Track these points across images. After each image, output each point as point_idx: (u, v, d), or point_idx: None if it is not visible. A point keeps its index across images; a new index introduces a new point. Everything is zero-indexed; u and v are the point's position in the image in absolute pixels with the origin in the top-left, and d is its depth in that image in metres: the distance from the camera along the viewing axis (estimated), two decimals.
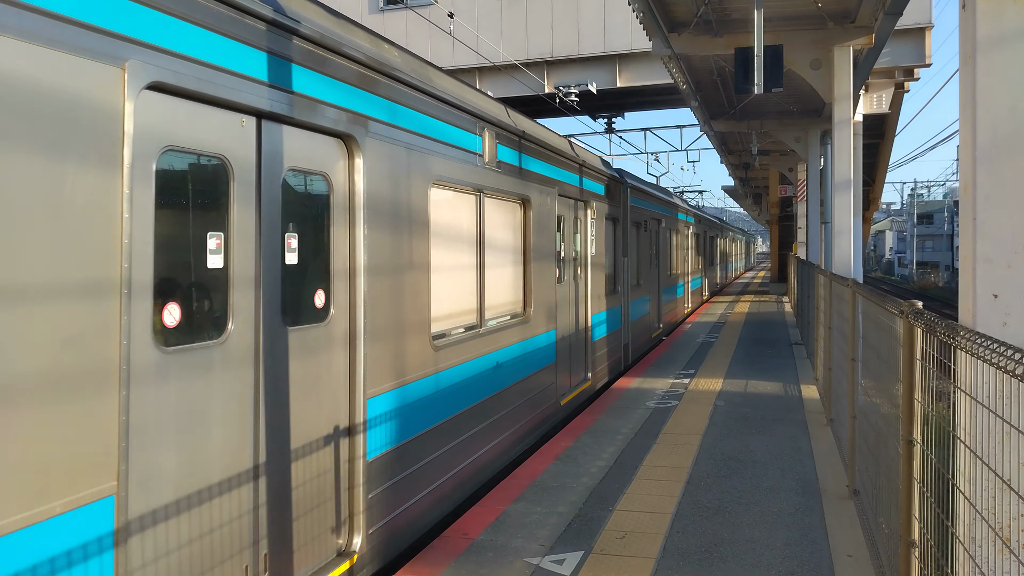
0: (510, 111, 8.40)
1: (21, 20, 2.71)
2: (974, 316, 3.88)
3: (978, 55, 3.84)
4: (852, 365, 6.71)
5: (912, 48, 17.91)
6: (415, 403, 5.73)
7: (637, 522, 5.98)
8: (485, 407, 7.17)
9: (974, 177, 3.88)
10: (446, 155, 6.31)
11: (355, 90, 4.90)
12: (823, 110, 19.10)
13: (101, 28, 3.02)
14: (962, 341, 2.80)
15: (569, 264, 10.37)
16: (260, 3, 3.97)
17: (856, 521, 5.97)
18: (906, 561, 3.77)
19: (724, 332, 18.91)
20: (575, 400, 10.56)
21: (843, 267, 12.66)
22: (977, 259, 3.88)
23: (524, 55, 22.03)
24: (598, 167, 11.77)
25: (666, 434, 8.73)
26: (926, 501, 3.57)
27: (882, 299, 4.81)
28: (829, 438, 8.50)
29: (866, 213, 34.93)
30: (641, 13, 12.75)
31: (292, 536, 4.32)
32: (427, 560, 5.29)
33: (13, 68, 2.68)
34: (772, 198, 37.01)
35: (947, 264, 69.65)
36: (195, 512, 3.59)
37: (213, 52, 3.65)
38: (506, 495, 6.63)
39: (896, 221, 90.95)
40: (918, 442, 3.70)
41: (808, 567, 5.15)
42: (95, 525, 2.99)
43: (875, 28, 12.55)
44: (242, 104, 3.84)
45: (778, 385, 11.76)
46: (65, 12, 2.87)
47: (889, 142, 27.87)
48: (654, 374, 12.84)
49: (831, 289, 9.05)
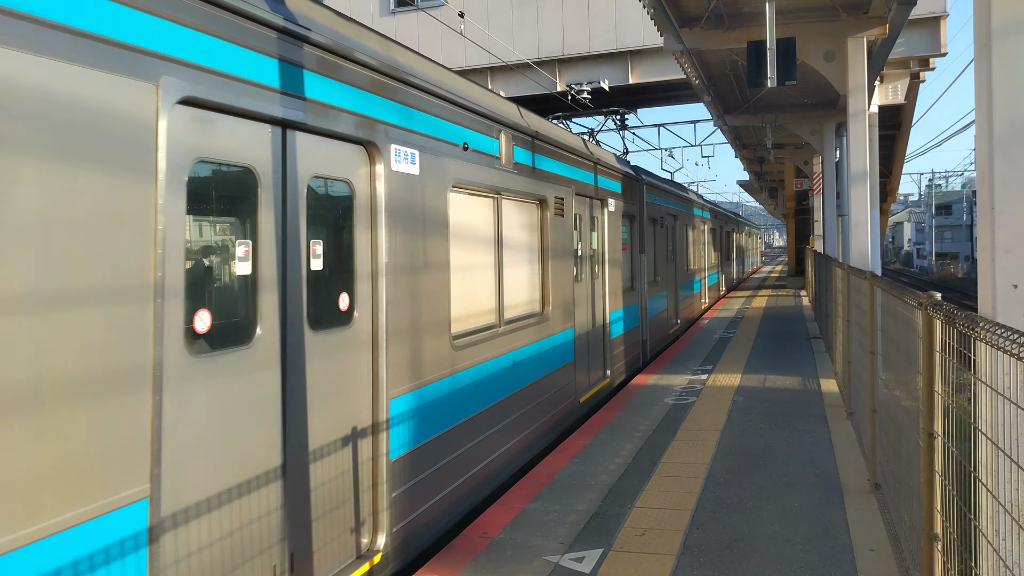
0: (523, 111, 8.42)
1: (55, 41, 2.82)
2: (994, 307, 3.85)
3: (993, 44, 3.80)
4: (871, 358, 6.66)
5: (927, 38, 17.73)
6: (436, 402, 5.80)
7: (656, 519, 5.96)
8: (505, 406, 7.22)
9: (991, 166, 3.85)
10: (464, 158, 6.37)
11: (375, 97, 5.00)
12: (838, 102, 18.96)
13: (136, 47, 3.16)
14: (982, 332, 2.78)
15: (586, 262, 10.40)
16: (284, 17, 4.08)
17: (878, 515, 5.92)
18: (929, 555, 3.74)
19: (742, 327, 18.83)
20: (594, 398, 10.57)
21: (861, 260, 12.57)
22: (996, 249, 3.85)
23: (535, 54, 22.02)
24: (613, 164, 11.77)
25: (685, 430, 8.71)
26: (948, 494, 3.54)
27: (900, 291, 4.77)
28: (849, 432, 8.44)
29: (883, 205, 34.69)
30: (652, 9, 12.70)
31: (318, 535, 4.39)
32: (447, 559, 5.30)
33: (58, 87, 2.82)
34: (788, 192, 36.79)
35: (967, 255, 68.98)
36: (225, 513, 3.67)
37: (240, 65, 3.77)
38: (525, 493, 6.64)
39: (914, 212, 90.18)
40: (939, 435, 3.67)
41: (830, 562, 5.12)
42: (130, 527, 3.08)
43: (889, 18, 12.44)
44: (268, 115, 3.95)
45: (797, 379, 11.70)
46: (104, 33, 3.01)
47: (905, 133, 27.62)
48: (672, 370, 12.80)
49: (849, 282, 8.99)
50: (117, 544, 3.01)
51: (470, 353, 6.44)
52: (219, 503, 3.63)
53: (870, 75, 14.45)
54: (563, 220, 9.17)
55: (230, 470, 3.70)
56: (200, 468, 3.51)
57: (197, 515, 3.48)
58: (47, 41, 2.78)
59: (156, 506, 3.19)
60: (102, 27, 3.00)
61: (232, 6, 3.67)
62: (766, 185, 48.55)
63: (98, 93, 2.97)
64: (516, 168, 7.64)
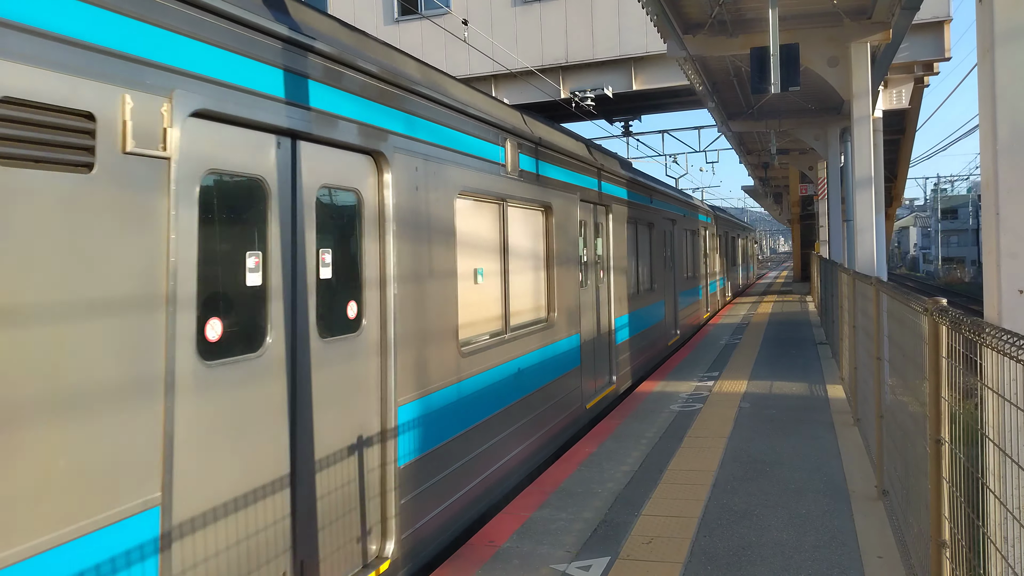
0: (527, 118, 8.45)
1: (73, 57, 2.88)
2: (1000, 312, 3.84)
3: (996, 49, 3.80)
4: (878, 364, 6.64)
5: (931, 42, 17.72)
6: (444, 409, 5.82)
7: (663, 527, 5.95)
8: (512, 412, 7.23)
9: (996, 171, 3.84)
10: (470, 167, 6.41)
11: (382, 107, 5.05)
12: (842, 107, 18.94)
13: (151, 61, 3.21)
14: (988, 338, 2.77)
15: (591, 268, 10.43)
16: (291, 28, 4.12)
17: (886, 522, 5.90)
18: (937, 562, 3.72)
19: (748, 333, 18.78)
20: (600, 404, 10.56)
21: (866, 265, 12.54)
22: (1001, 254, 3.84)
23: (539, 61, 22.06)
24: (617, 171, 11.81)
25: (691, 437, 8.68)
26: (956, 501, 3.52)
27: (906, 297, 4.76)
28: (856, 438, 8.41)
29: (888, 210, 34.59)
30: (655, 16, 12.73)
31: (327, 542, 4.40)
32: (454, 568, 5.29)
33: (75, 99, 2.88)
34: (793, 197, 36.74)
35: (973, 259, 68.72)
36: (234, 520, 3.69)
37: (250, 77, 3.82)
38: (531, 502, 6.63)
39: (920, 217, 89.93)
40: (946, 441, 3.66)
41: (838, 569, 5.10)
42: (142, 534, 3.11)
43: (892, 23, 12.44)
44: (278, 126, 4.00)
45: (803, 385, 11.66)
46: (122, 48, 3.08)
47: (910, 137, 27.58)
48: (678, 377, 12.77)
49: (855, 287, 8.96)
50: (128, 553, 3.04)
51: (477, 360, 6.45)
52: (229, 510, 3.65)
53: (874, 80, 14.44)
54: (568, 227, 9.19)
55: (239, 477, 3.72)
56: (210, 475, 3.54)
57: (207, 523, 3.50)
58: (66, 58, 2.85)
59: (167, 514, 3.22)
60: (120, 43, 3.07)
61: (242, 19, 3.71)
62: (771, 190, 48.51)
63: (110, 104, 3.02)
64: (521, 175, 7.68)
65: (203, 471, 3.49)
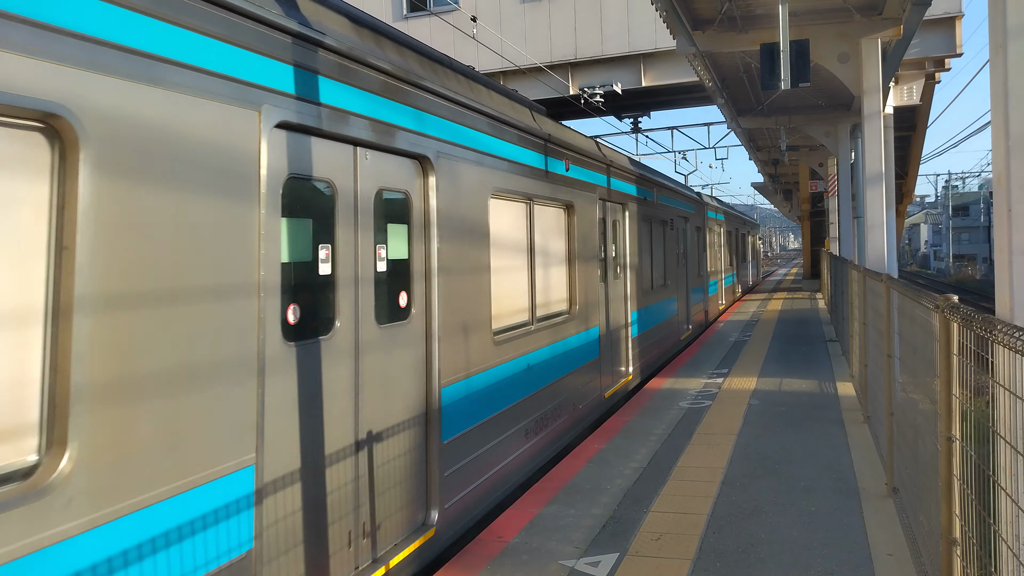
0: (546, 119, 8.78)
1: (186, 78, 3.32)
2: (1011, 309, 3.82)
3: (1009, 44, 3.78)
4: (888, 361, 6.62)
5: (942, 38, 17.61)
6: (480, 392, 6.35)
7: (672, 523, 5.95)
8: (539, 397, 7.73)
9: (1008, 168, 3.82)
10: (502, 169, 6.93)
11: (429, 116, 5.59)
12: (852, 104, 18.85)
13: (246, 81, 3.70)
14: (999, 335, 2.76)
15: (610, 263, 10.85)
16: (357, 47, 4.64)
17: (896, 520, 5.88)
18: (948, 560, 3.71)
19: (757, 330, 18.73)
20: (618, 393, 10.91)
21: (877, 262, 12.48)
22: (1013, 251, 3.82)
23: (548, 57, 22.02)
24: (632, 169, 12.16)
25: (700, 434, 8.68)
26: (967, 498, 3.51)
27: (917, 294, 4.74)
28: (866, 435, 8.38)
29: (899, 207, 34.43)
30: (664, 12, 12.69)
31: (382, 509, 4.92)
32: (463, 563, 5.31)
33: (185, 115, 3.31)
34: (803, 194, 36.59)
35: (984, 256, 68.34)
36: (311, 483, 4.19)
37: (321, 92, 4.30)
38: (540, 497, 6.64)
39: (931, 214, 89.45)
40: (957, 439, 3.64)
41: (847, 567, 5.09)
42: (241, 488, 3.61)
43: (903, 19, 12.36)
44: (344, 135, 4.51)
45: (813, 383, 11.63)
46: (221, 70, 3.56)
47: (921, 134, 27.42)
48: (687, 373, 12.76)
49: (865, 284, 8.93)
50: (230, 504, 3.53)
51: (508, 348, 6.97)
52: (307, 474, 4.14)
53: (885, 76, 14.36)
54: (589, 223, 9.57)
55: (315, 443, 4.23)
56: (292, 442, 4.04)
57: (288, 484, 4.00)
58: (180, 79, 3.30)
59: (260, 472, 3.72)
60: (221, 66, 3.55)
61: (317, 40, 4.19)
62: (781, 187, 48.30)
63: (216, 119, 3.48)
64: (547, 176, 8.12)
65: (287, 437, 3.99)
